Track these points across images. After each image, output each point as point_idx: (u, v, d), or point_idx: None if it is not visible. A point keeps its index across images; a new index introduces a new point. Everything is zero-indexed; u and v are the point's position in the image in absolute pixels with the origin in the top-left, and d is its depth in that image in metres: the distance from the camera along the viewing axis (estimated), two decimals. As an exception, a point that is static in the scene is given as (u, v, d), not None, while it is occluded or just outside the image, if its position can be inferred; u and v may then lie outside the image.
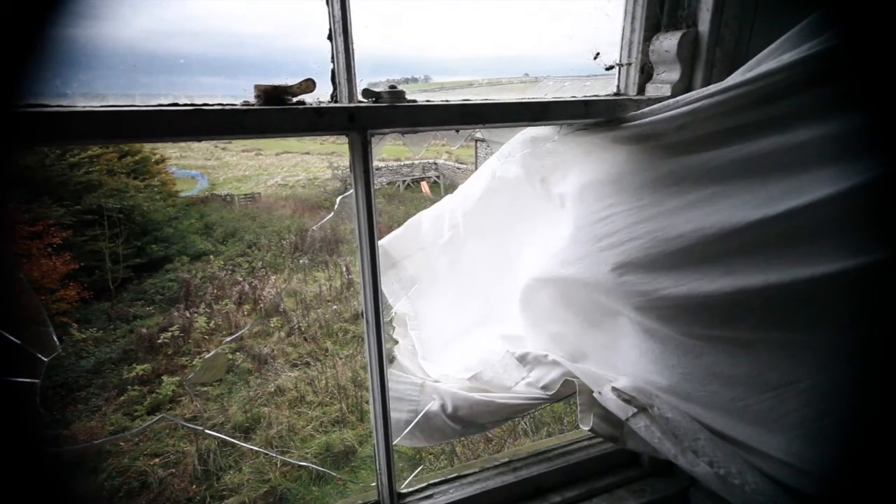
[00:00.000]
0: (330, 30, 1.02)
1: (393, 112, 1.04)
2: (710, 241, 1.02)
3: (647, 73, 1.31)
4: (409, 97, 1.07)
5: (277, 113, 0.95)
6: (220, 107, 0.91)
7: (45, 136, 0.84)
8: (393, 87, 1.05)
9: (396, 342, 1.66)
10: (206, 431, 6.10)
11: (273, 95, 0.95)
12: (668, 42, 1.23)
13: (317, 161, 20.63)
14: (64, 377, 7.34)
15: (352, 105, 1.03)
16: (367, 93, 1.05)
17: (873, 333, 0.93)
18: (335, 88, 1.05)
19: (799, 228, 0.92)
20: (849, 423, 0.98)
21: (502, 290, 1.67)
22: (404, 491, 1.40)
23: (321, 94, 1.03)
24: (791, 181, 0.94)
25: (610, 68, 1.33)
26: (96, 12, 0.82)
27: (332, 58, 1.04)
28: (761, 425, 1.05)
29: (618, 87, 1.36)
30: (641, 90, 1.32)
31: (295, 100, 0.97)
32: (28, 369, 0.95)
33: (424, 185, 17.18)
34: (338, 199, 1.26)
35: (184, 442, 6.17)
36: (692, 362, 1.13)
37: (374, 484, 1.40)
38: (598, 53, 1.30)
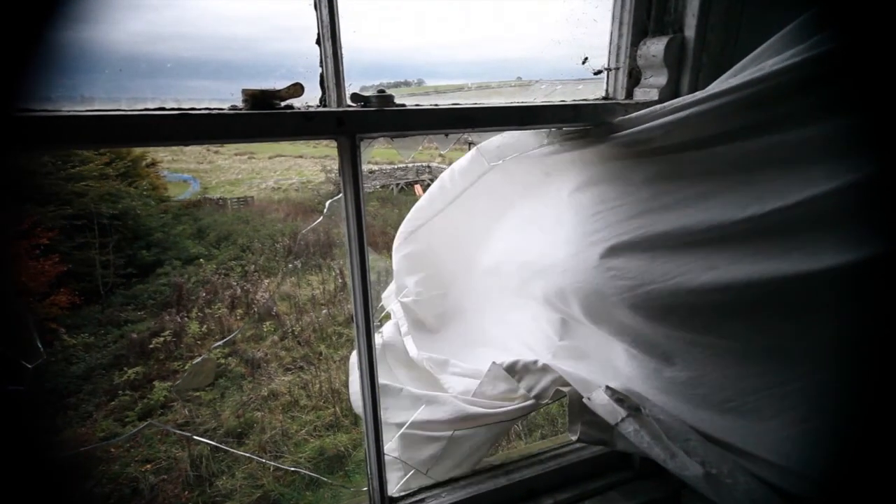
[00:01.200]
0: (318, 34, 1.02)
1: (381, 116, 1.04)
2: (697, 237, 1.03)
3: (635, 78, 1.32)
4: (399, 101, 1.07)
5: (265, 117, 0.94)
6: (206, 111, 0.91)
7: (30, 141, 0.82)
8: (381, 91, 1.05)
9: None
10: (195, 437, 6.03)
11: (261, 99, 0.95)
12: (654, 47, 1.24)
13: (310, 164, 20.52)
14: (54, 383, 7.24)
15: (340, 109, 1.03)
16: (355, 97, 1.05)
17: (862, 333, 0.93)
18: (324, 93, 1.05)
19: (786, 226, 0.93)
20: (838, 424, 0.98)
21: (500, 297, 1.68)
22: (395, 495, 1.39)
23: (310, 99, 1.03)
24: (779, 180, 0.95)
25: (598, 73, 1.34)
26: (81, 15, 0.81)
27: (321, 62, 1.04)
28: (750, 427, 1.05)
29: (606, 91, 1.37)
30: (630, 94, 1.33)
31: (283, 104, 0.97)
32: (12, 376, 0.94)
33: (418, 189, 17.16)
34: (328, 203, 1.25)
35: (176, 448, 6.10)
36: (679, 367, 1.14)
37: (365, 488, 1.39)
38: (586, 58, 1.31)
